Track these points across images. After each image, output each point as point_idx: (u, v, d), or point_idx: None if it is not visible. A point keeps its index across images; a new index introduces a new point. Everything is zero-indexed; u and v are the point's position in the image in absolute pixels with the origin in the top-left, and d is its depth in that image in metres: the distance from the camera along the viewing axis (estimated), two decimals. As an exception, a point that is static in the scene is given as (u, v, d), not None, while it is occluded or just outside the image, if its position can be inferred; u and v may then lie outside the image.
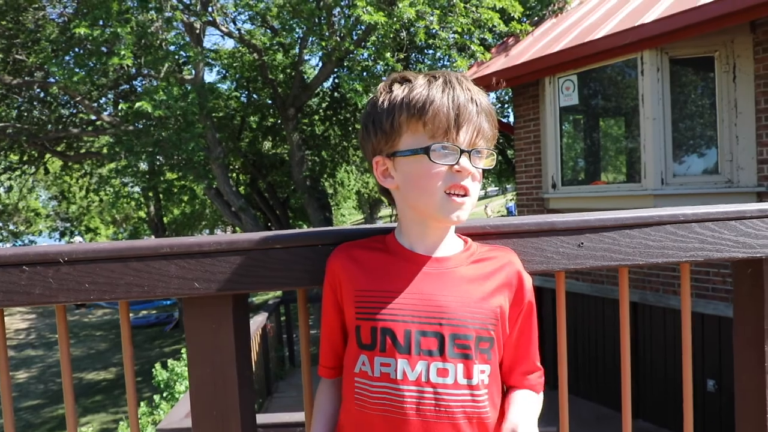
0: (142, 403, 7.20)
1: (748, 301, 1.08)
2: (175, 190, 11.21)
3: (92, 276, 0.98)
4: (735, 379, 1.13)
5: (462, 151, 0.88)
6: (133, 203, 12.61)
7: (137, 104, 7.61)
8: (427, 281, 0.91)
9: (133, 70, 9.38)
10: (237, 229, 13.03)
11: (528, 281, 0.96)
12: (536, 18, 8.08)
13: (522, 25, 7.59)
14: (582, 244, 1.00)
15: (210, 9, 9.29)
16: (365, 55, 8.64)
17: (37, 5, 9.21)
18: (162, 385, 7.03)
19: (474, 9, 7.70)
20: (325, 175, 13.14)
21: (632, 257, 1.01)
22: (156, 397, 6.93)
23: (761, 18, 4.65)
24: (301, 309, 1.11)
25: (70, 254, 0.98)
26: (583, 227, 1.00)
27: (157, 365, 7.26)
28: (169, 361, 7.38)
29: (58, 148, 12.21)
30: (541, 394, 1.01)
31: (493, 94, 12.69)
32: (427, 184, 0.89)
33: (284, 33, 8.56)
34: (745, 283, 1.09)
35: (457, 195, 0.89)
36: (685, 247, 1.02)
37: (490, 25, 7.72)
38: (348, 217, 32.86)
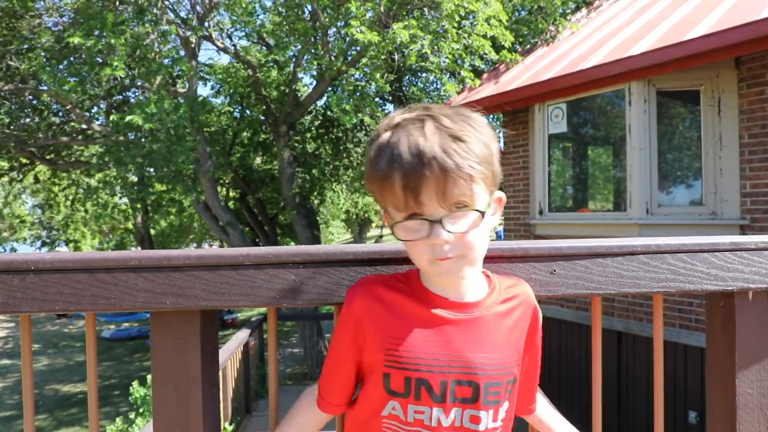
0: (118, 419, 7.04)
1: (720, 334, 1.08)
2: (164, 203, 11.15)
3: (58, 286, 0.96)
4: (707, 412, 1.12)
5: (432, 222, 0.79)
6: (120, 214, 12.52)
7: (128, 117, 7.59)
8: (459, 330, 0.88)
9: (127, 81, 9.38)
10: (224, 243, 12.94)
11: (540, 315, 0.98)
12: (528, 46, 8.20)
13: (512, 55, 7.70)
14: (554, 271, 1.00)
15: (206, 24, 9.35)
16: (357, 75, 8.70)
17: (33, 13, 9.22)
18: (138, 402, 6.88)
19: (466, 36, 7.80)
20: (315, 193, 13.15)
21: (605, 286, 1.01)
22: (131, 414, 6.79)
23: (745, 55, 4.75)
24: (270, 328, 1.09)
25: (37, 263, 0.96)
26: (555, 254, 1.00)
27: (135, 383, 7.13)
28: (149, 377, 7.24)
29: (47, 156, 12.13)
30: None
31: (484, 119, 12.84)
32: (413, 255, 0.86)
33: (279, 50, 8.61)
34: (718, 316, 1.08)
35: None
36: (657, 277, 1.02)
37: (481, 53, 7.82)
38: (337, 236, 32.79)
